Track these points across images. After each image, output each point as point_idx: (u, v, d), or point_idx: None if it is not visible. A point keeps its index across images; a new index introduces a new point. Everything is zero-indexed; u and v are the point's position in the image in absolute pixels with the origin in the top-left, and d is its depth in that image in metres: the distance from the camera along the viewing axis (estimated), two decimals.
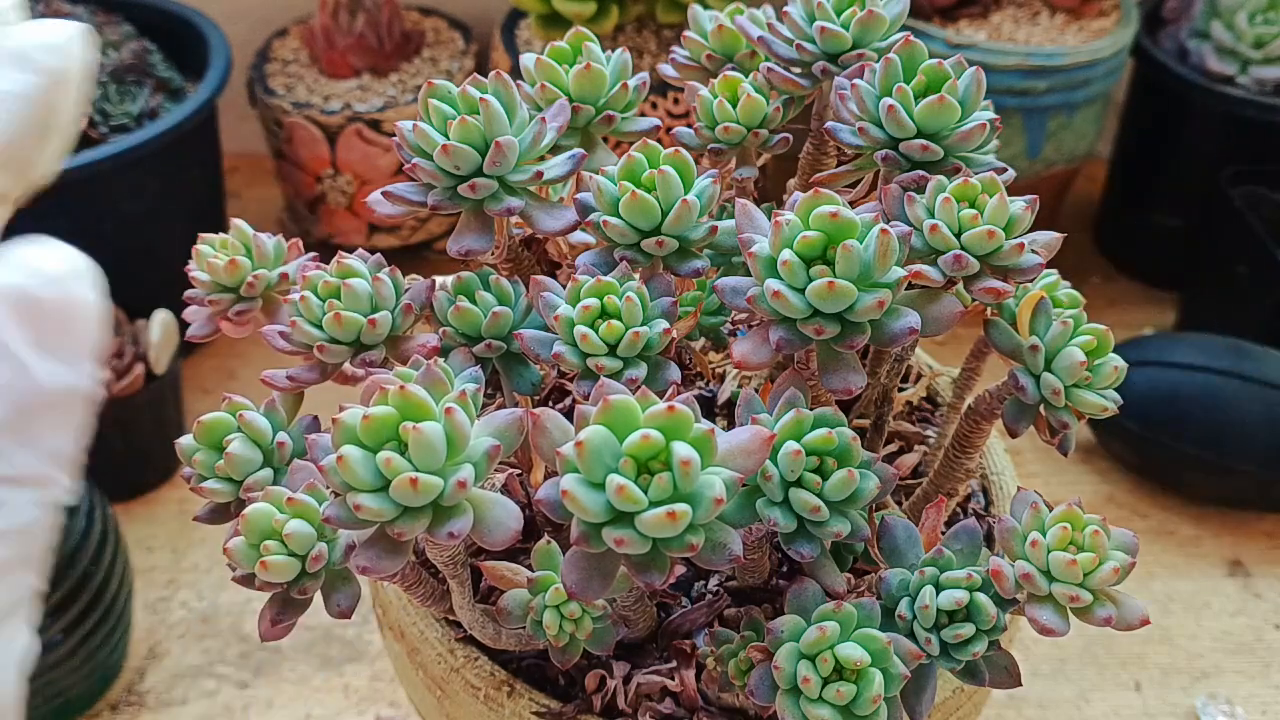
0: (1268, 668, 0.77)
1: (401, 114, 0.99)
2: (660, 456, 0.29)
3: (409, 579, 0.38)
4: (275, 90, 1.02)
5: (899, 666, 0.35)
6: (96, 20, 0.95)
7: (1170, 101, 1.03)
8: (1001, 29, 0.99)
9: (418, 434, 0.28)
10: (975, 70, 0.39)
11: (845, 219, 0.33)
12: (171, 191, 0.91)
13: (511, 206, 0.38)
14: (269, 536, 0.34)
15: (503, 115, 0.38)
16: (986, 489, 0.52)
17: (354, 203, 1.02)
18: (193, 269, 0.42)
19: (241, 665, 0.75)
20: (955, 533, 0.38)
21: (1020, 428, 0.40)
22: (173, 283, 0.49)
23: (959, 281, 0.37)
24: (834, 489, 0.34)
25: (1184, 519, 0.88)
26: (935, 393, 0.56)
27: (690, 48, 0.48)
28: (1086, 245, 1.16)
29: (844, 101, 0.41)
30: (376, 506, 0.29)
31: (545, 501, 0.29)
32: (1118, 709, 0.74)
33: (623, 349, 0.35)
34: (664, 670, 0.42)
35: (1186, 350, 0.87)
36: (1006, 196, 0.37)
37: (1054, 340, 0.38)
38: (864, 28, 0.42)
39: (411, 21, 1.11)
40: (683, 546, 0.29)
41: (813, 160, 0.48)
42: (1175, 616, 0.81)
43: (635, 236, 0.38)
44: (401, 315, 0.39)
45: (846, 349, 0.34)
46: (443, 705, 0.45)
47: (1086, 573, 0.34)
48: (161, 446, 0.83)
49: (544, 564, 0.39)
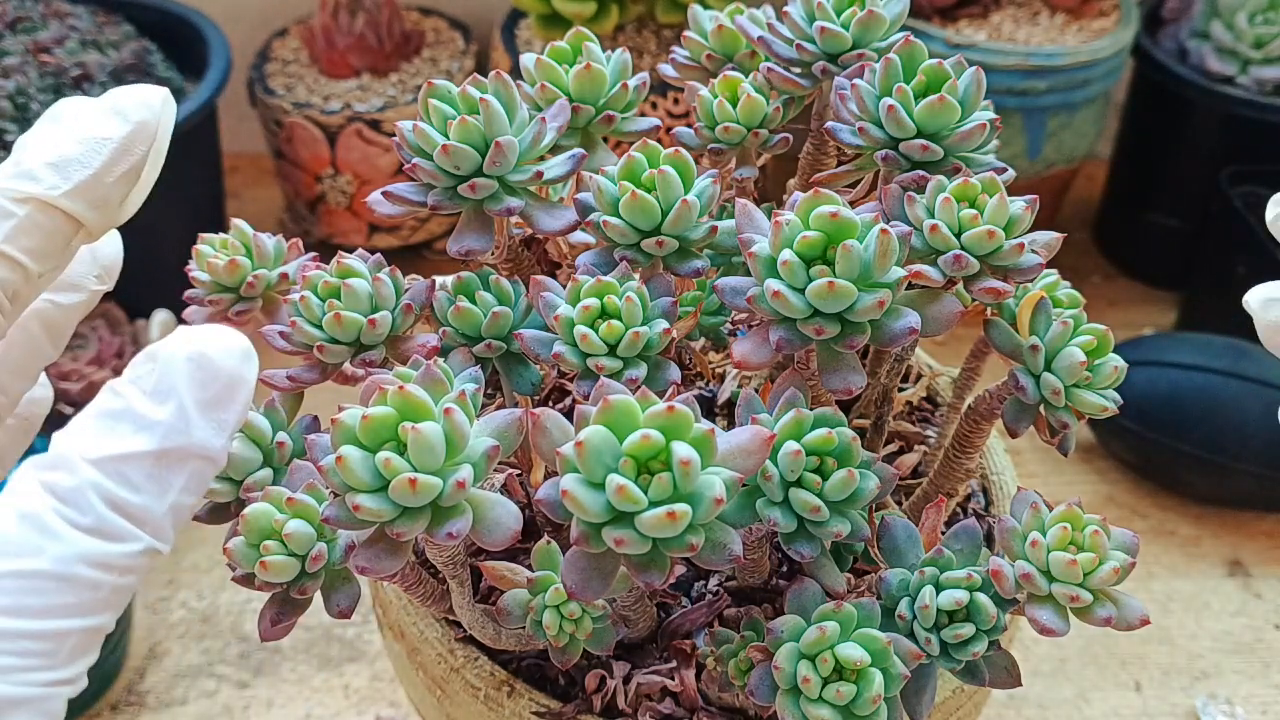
0: (1268, 668, 0.77)
1: (401, 114, 0.99)
2: (660, 456, 0.29)
3: (409, 579, 0.37)
4: (275, 90, 1.02)
5: (899, 666, 0.35)
6: (97, 20, 0.96)
7: (1170, 101, 1.03)
8: (1001, 29, 0.99)
9: (417, 434, 0.28)
10: (975, 70, 0.39)
11: (845, 219, 0.33)
12: (171, 191, 0.90)
13: (511, 206, 0.38)
14: (269, 536, 0.34)
15: (503, 115, 0.38)
16: (986, 489, 0.52)
17: (354, 203, 1.02)
18: (193, 269, 0.42)
19: (241, 665, 0.75)
20: (955, 533, 0.38)
21: (1020, 428, 0.40)
22: (173, 283, 0.49)
23: (959, 281, 0.37)
24: (834, 489, 0.34)
25: (1184, 519, 0.88)
26: (935, 393, 0.56)
27: (690, 48, 0.48)
28: (1086, 245, 1.16)
29: (844, 101, 0.41)
30: (375, 507, 0.29)
31: (545, 501, 0.29)
32: (1118, 709, 0.74)
33: (623, 349, 0.35)
34: (664, 670, 0.42)
35: (1186, 350, 0.87)
36: (1006, 196, 0.37)
37: (1054, 340, 0.38)
38: (864, 28, 0.42)
39: (411, 21, 1.11)
40: (683, 546, 0.29)
41: (813, 160, 0.48)
42: (1175, 616, 0.81)
43: (635, 236, 0.38)
44: (401, 315, 0.39)
45: (846, 349, 0.34)
46: (443, 705, 0.45)
47: (1086, 573, 0.34)
48: None
49: (544, 564, 0.39)
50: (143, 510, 0.27)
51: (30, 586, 0.25)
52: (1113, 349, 0.38)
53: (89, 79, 0.89)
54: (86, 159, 0.30)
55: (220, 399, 0.28)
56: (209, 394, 0.28)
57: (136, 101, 0.31)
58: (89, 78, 0.89)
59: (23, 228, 0.29)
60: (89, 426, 0.27)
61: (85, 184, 0.30)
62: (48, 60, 0.88)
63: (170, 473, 0.27)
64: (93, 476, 0.26)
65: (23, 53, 0.88)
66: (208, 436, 0.28)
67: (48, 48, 0.89)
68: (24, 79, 0.85)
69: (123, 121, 0.31)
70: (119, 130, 0.31)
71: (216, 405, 0.28)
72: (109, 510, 0.26)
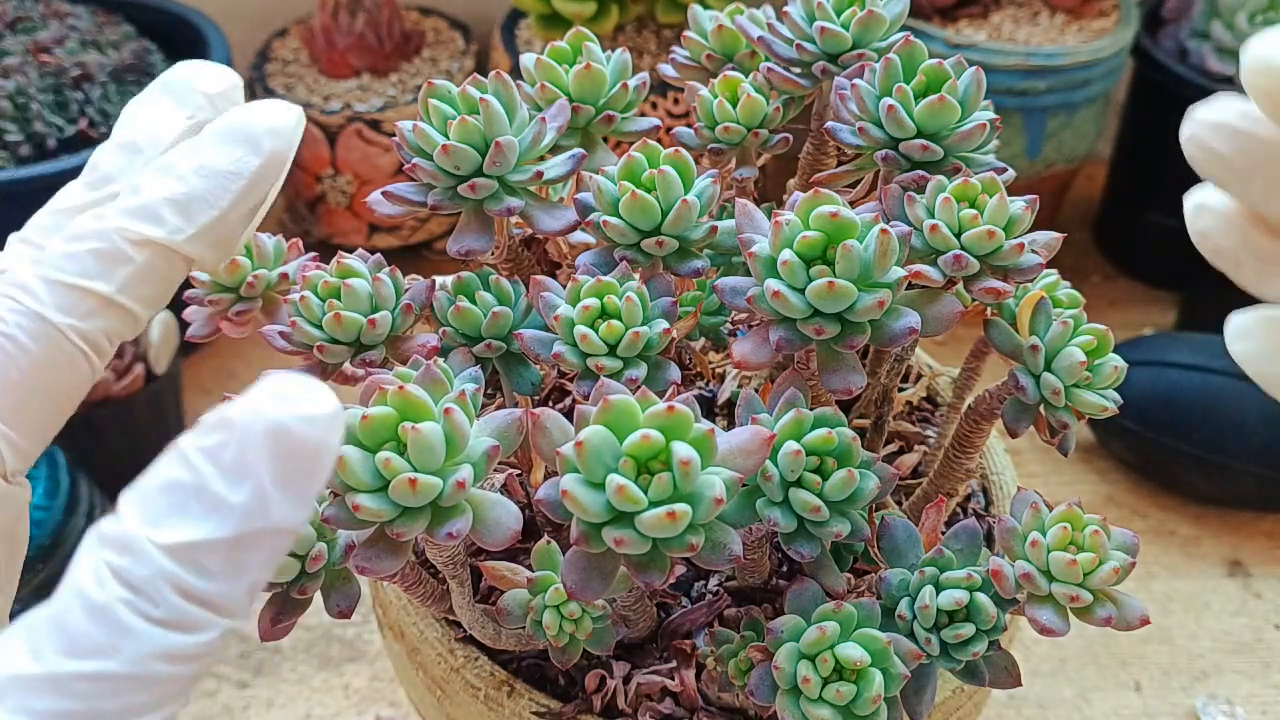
0: (1268, 668, 0.77)
1: (401, 114, 0.99)
2: (660, 456, 0.29)
3: (409, 579, 0.38)
4: (275, 90, 1.02)
5: (899, 666, 0.35)
6: (97, 20, 0.95)
7: (1170, 101, 1.03)
8: (1001, 29, 0.99)
9: (416, 434, 0.28)
10: (975, 70, 0.39)
11: (845, 219, 0.33)
12: None
13: (511, 206, 0.38)
14: None
15: (503, 115, 0.38)
16: (986, 489, 0.52)
17: (354, 203, 1.02)
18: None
19: (241, 665, 0.75)
20: (955, 533, 0.38)
21: (1020, 428, 0.40)
22: None
23: (959, 281, 0.37)
24: (834, 489, 0.34)
25: (1184, 519, 0.88)
26: (935, 393, 0.56)
27: (690, 48, 0.48)
28: (1086, 245, 1.16)
29: (844, 101, 0.41)
30: (375, 507, 0.29)
31: (545, 501, 0.29)
32: (1118, 709, 0.74)
33: (623, 349, 0.35)
34: (664, 670, 0.42)
35: (1186, 350, 0.87)
36: (1006, 196, 0.37)
37: (1054, 340, 0.38)
38: (864, 28, 0.42)
39: (411, 21, 1.11)
40: (683, 546, 0.29)
41: (813, 160, 0.48)
42: (1175, 616, 0.81)
43: (635, 236, 0.38)
44: (401, 315, 0.39)
45: (846, 349, 0.34)
46: (443, 705, 0.45)
47: (1086, 573, 0.34)
48: (161, 446, 0.83)
49: (544, 564, 0.39)
50: (219, 596, 0.24)
51: (104, 690, 0.23)
52: (1113, 349, 0.38)
53: (89, 79, 0.89)
54: (214, 198, 0.27)
55: (303, 472, 0.25)
56: (290, 468, 0.24)
57: (269, 126, 0.28)
58: (89, 78, 0.89)
59: (140, 275, 0.27)
60: (157, 503, 0.24)
61: (209, 225, 0.27)
62: (48, 60, 0.88)
63: (248, 554, 0.25)
64: (165, 565, 0.24)
65: (23, 53, 0.88)
66: (288, 514, 0.25)
67: (48, 48, 0.89)
68: (24, 79, 0.85)
69: (254, 152, 0.28)
70: (249, 163, 0.28)
71: (298, 480, 0.25)
72: (184, 601, 0.24)
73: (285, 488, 0.24)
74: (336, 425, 0.25)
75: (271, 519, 0.24)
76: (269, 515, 0.24)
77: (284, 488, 0.24)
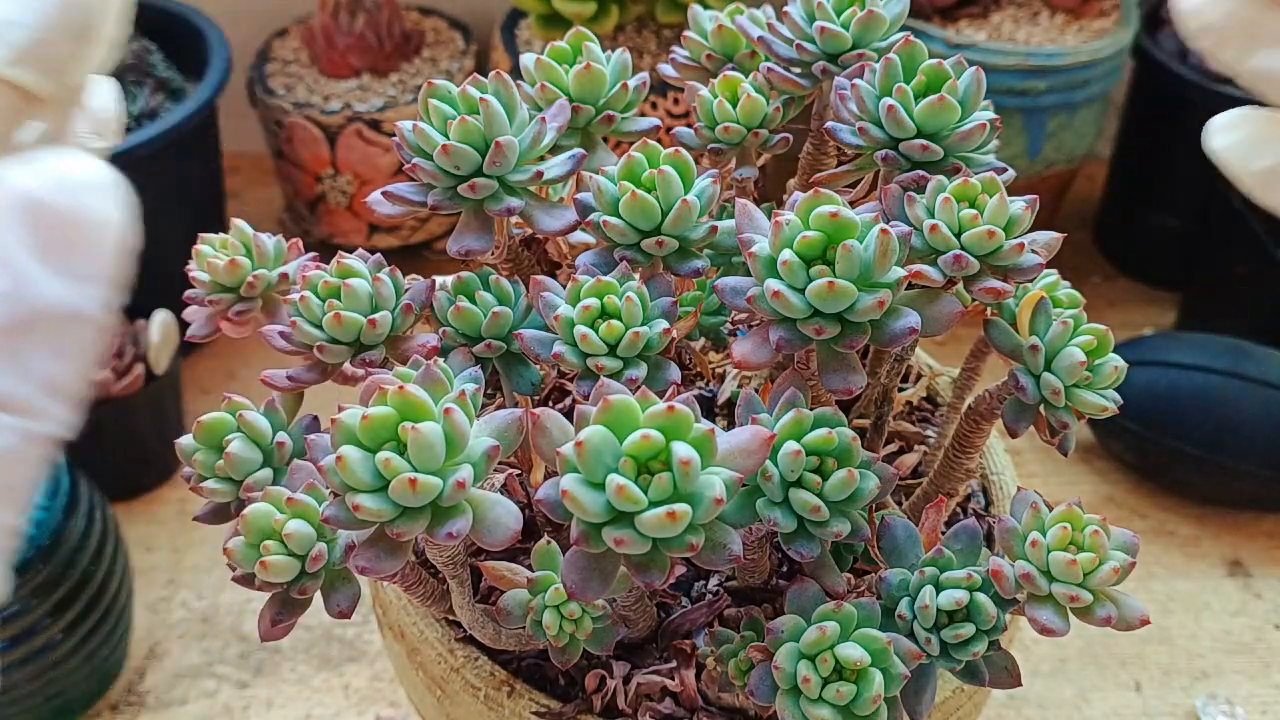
0: (1268, 668, 0.77)
1: (401, 114, 0.99)
2: (660, 456, 0.29)
3: (409, 579, 0.38)
4: (275, 90, 1.02)
5: (899, 666, 0.35)
6: None
7: (1170, 101, 1.03)
8: (1001, 29, 0.98)
9: (416, 434, 0.28)
10: (975, 70, 0.39)
11: (845, 219, 0.33)
12: (171, 191, 0.91)
13: (511, 206, 0.38)
14: (269, 536, 0.34)
15: (503, 115, 0.38)
16: (986, 489, 0.52)
17: (354, 203, 1.02)
18: (193, 269, 0.42)
19: (241, 665, 0.75)
20: (955, 533, 0.38)
21: (1020, 428, 0.40)
22: (173, 283, 0.49)
23: (959, 281, 0.37)
24: (834, 489, 0.34)
25: (1184, 519, 0.88)
26: (935, 393, 0.56)
27: (690, 48, 0.48)
28: (1086, 245, 1.16)
29: (844, 101, 0.41)
30: (375, 507, 0.29)
31: (545, 501, 0.29)
32: (1118, 709, 0.74)
33: (623, 349, 0.35)
34: (664, 670, 0.42)
35: (1186, 350, 0.87)
36: (1006, 196, 0.37)
37: (1054, 340, 0.38)
38: (864, 28, 0.42)
39: (411, 21, 1.11)
40: (683, 546, 0.29)
41: (813, 160, 0.48)
42: (1175, 616, 0.81)
43: (635, 236, 0.38)
44: (401, 315, 0.39)
45: (846, 349, 0.34)
46: (443, 705, 0.45)
47: (1086, 573, 0.34)
48: (161, 446, 0.83)
49: (544, 564, 0.39)
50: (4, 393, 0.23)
51: None
52: (1113, 349, 0.38)
53: None
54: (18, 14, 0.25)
55: (65, 243, 0.23)
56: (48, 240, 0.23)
57: None
58: None
59: None
60: None
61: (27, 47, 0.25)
62: None
63: (24, 341, 0.23)
64: None
65: None
66: (60, 293, 0.23)
67: None
68: None
69: None
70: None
71: (61, 252, 0.23)
72: None
73: (49, 263, 0.23)
74: (101, 190, 0.23)
75: (42, 299, 0.23)
76: (33, 294, 0.23)
77: (47, 263, 0.23)
